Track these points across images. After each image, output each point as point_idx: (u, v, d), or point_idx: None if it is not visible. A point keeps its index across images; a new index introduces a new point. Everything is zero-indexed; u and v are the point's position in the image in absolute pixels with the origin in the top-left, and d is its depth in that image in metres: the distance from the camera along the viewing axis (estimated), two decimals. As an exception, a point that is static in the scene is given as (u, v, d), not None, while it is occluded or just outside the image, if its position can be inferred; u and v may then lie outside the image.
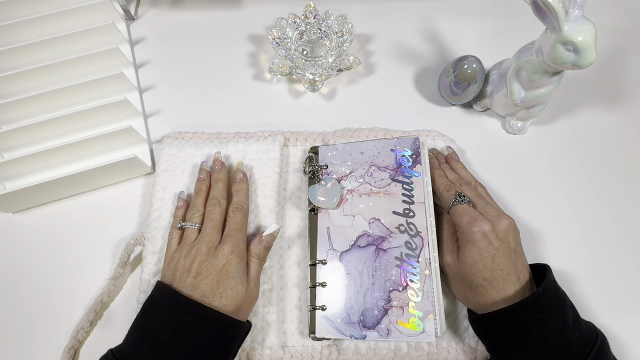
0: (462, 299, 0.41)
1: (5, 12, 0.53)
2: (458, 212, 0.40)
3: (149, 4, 0.61)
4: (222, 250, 0.39)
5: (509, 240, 0.38)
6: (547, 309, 0.35)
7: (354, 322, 0.40)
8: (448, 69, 0.50)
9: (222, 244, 0.40)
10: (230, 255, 0.39)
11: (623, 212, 0.49)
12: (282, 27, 0.53)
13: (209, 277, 0.38)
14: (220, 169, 0.45)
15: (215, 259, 0.38)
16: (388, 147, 0.47)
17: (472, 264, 0.38)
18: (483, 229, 0.38)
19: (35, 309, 0.44)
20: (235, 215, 0.42)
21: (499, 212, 0.40)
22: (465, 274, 0.39)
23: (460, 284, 0.40)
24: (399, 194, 0.44)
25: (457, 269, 0.40)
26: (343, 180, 0.46)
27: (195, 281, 0.38)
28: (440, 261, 0.42)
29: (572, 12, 0.38)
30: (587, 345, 0.35)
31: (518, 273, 0.38)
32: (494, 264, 0.37)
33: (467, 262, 0.38)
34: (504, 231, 0.38)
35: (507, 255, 0.38)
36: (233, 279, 0.38)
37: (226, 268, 0.38)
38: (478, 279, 0.38)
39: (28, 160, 0.46)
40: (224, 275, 0.38)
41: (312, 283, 0.42)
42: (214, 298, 0.37)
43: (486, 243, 0.38)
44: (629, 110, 0.54)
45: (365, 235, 0.43)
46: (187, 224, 0.42)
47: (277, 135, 0.49)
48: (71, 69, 0.51)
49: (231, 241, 0.40)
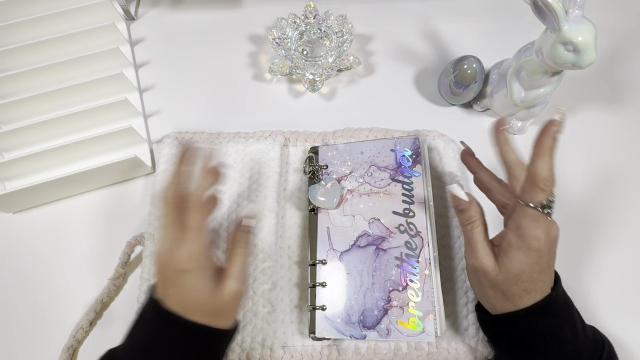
0: (489, 306, 0.37)
1: (5, 12, 0.53)
2: (532, 218, 0.34)
3: (149, 4, 0.61)
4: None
5: (555, 252, 0.35)
6: (559, 314, 0.34)
7: (354, 322, 0.40)
8: (448, 69, 0.50)
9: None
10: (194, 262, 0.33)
11: (623, 212, 0.48)
12: (282, 27, 0.53)
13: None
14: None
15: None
16: (388, 147, 0.46)
17: (518, 274, 0.34)
18: (542, 244, 0.33)
19: (35, 308, 0.44)
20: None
21: (547, 217, 0.35)
22: (505, 283, 0.34)
23: (493, 290, 0.35)
24: (399, 194, 0.44)
25: (496, 275, 0.35)
26: (343, 180, 0.46)
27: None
28: (472, 262, 0.36)
29: (572, 12, 0.38)
30: (596, 351, 0.34)
31: (551, 283, 0.35)
32: (540, 275, 0.34)
33: (511, 271, 0.34)
34: (554, 240, 0.35)
35: (550, 266, 0.35)
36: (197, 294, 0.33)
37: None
38: (518, 289, 0.34)
39: (28, 160, 0.46)
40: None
41: (312, 283, 0.42)
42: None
43: (539, 256, 0.34)
44: (629, 110, 0.54)
45: (365, 235, 0.43)
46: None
47: (277, 135, 0.49)
48: (71, 69, 0.51)
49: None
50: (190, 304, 0.32)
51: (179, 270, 0.32)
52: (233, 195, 0.46)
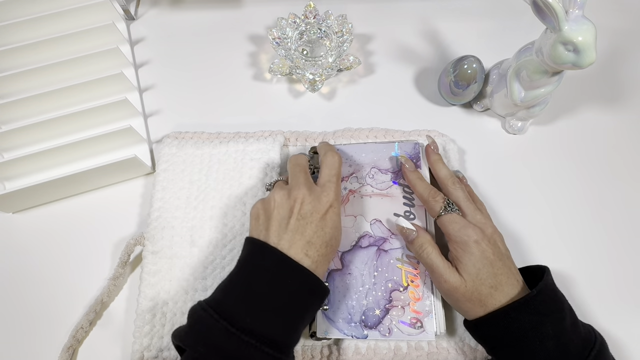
0: (472, 316, 0.37)
1: (5, 12, 0.53)
2: (448, 222, 0.39)
3: (149, 4, 0.61)
4: (326, 194, 0.37)
5: (498, 246, 0.38)
6: (542, 311, 0.35)
7: (355, 321, 0.40)
8: (448, 69, 0.50)
9: (323, 187, 0.38)
10: (335, 201, 0.37)
11: (623, 212, 0.48)
12: (282, 27, 0.53)
13: (314, 223, 0.36)
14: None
15: (319, 203, 0.37)
16: (389, 150, 0.46)
17: (477, 273, 0.36)
18: (475, 236, 0.37)
19: (35, 308, 0.44)
20: (333, 158, 0.40)
21: (485, 219, 0.39)
22: (474, 288, 0.36)
23: (469, 302, 0.37)
24: (400, 196, 0.44)
25: (465, 286, 0.37)
26: (345, 180, 0.46)
27: (298, 224, 0.36)
28: (444, 287, 0.38)
29: (572, 12, 0.38)
30: (585, 348, 0.34)
31: (516, 276, 0.37)
32: (494, 269, 0.37)
33: (471, 273, 0.37)
34: (492, 236, 0.38)
35: (502, 259, 0.37)
36: (336, 229, 0.37)
37: (330, 215, 0.37)
38: (485, 288, 0.36)
39: (28, 160, 0.46)
40: (328, 223, 0.37)
41: None
42: (322, 246, 0.36)
43: (481, 250, 0.37)
44: (629, 110, 0.54)
45: (367, 236, 0.43)
46: (276, 178, 0.43)
47: (277, 135, 0.49)
48: (71, 69, 0.51)
49: (333, 187, 0.38)
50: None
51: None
52: (232, 195, 0.46)
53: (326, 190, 0.38)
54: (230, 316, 0.33)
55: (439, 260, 0.38)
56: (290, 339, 0.34)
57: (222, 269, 0.43)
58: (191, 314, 0.34)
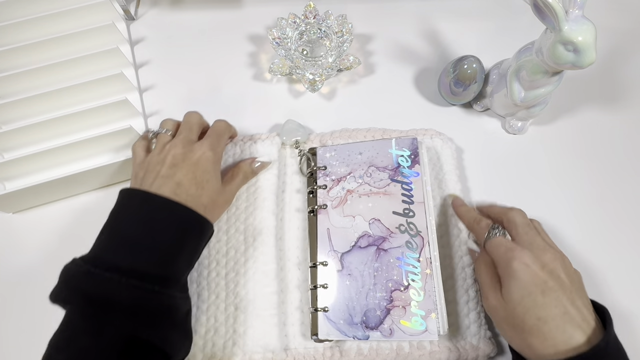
0: (520, 349, 0.35)
1: (5, 12, 0.53)
2: (494, 245, 0.37)
3: (149, 4, 0.61)
4: (200, 145, 0.40)
5: (558, 274, 0.34)
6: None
7: (356, 322, 0.40)
8: (448, 69, 0.50)
9: (199, 142, 0.41)
10: (208, 151, 0.39)
11: (623, 212, 0.48)
12: (282, 27, 0.53)
13: (184, 168, 0.38)
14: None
15: (191, 152, 0.39)
16: (386, 147, 0.46)
17: (520, 301, 0.33)
18: (524, 259, 0.34)
19: (35, 309, 0.44)
20: (219, 122, 0.44)
21: (545, 245, 0.36)
22: (514, 314, 0.33)
23: (512, 330, 0.34)
24: (399, 194, 0.44)
25: (505, 309, 0.34)
26: (342, 180, 0.46)
27: (170, 171, 0.38)
28: (485, 305, 0.38)
29: (572, 12, 0.38)
30: None
31: (581, 313, 0.33)
32: (545, 298, 0.32)
33: (514, 299, 0.34)
34: (550, 263, 0.34)
35: (561, 289, 0.33)
36: (209, 173, 0.39)
37: (202, 161, 0.39)
38: (531, 319, 0.33)
39: (28, 160, 0.46)
40: (200, 168, 0.39)
41: (313, 285, 0.42)
42: (191, 186, 0.37)
43: (531, 275, 0.33)
44: (629, 110, 0.54)
45: (366, 235, 0.43)
46: (160, 129, 0.42)
47: (274, 137, 0.49)
48: (71, 69, 0.51)
49: (209, 140, 0.41)
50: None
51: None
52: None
53: (202, 142, 0.41)
54: (95, 259, 0.34)
55: (485, 277, 0.38)
56: (167, 272, 0.35)
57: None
58: (61, 271, 0.35)
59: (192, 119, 0.43)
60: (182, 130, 0.42)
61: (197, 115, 0.44)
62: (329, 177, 0.46)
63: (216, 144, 0.41)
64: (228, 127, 0.45)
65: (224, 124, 0.44)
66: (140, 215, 0.36)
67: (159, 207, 0.36)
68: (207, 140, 0.41)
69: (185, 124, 0.43)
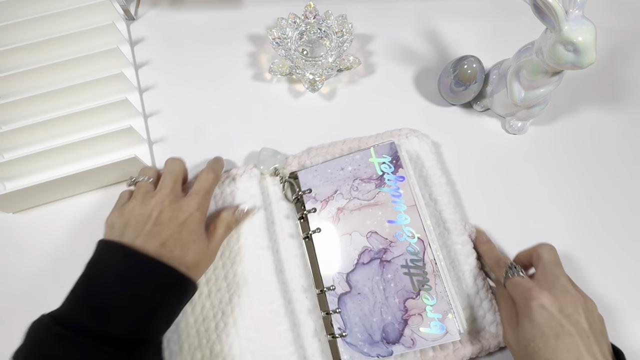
0: None
1: (5, 12, 0.53)
2: (512, 285, 0.37)
3: (149, 4, 0.61)
4: (187, 205, 0.38)
5: (577, 319, 0.33)
6: None
7: (377, 340, 0.39)
8: (448, 69, 0.50)
9: (187, 197, 0.39)
10: (196, 211, 0.38)
11: (624, 212, 0.48)
12: (282, 27, 0.53)
13: (170, 228, 0.36)
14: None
15: (179, 212, 0.37)
16: (366, 157, 0.45)
17: (531, 341, 0.33)
18: (541, 300, 0.33)
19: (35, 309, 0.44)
20: (207, 175, 0.41)
21: (568, 286, 0.35)
22: (526, 353, 0.34)
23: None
24: (389, 202, 0.43)
25: (518, 347, 0.35)
26: (330, 200, 0.45)
27: (155, 229, 0.36)
28: (504, 339, 0.38)
29: (572, 12, 0.38)
30: None
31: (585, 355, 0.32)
32: (558, 343, 0.32)
33: (526, 338, 0.34)
34: (569, 306, 0.33)
35: (578, 334, 0.32)
36: (195, 234, 0.38)
37: (189, 222, 0.37)
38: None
39: (28, 160, 0.46)
40: (186, 229, 0.37)
41: (325, 311, 0.41)
42: (176, 247, 0.36)
43: (546, 317, 0.33)
44: (629, 110, 0.54)
45: (367, 250, 0.42)
46: (141, 177, 0.40)
47: (251, 169, 0.47)
48: (71, 69, 0.51)
49: (197, 200, 0.39)
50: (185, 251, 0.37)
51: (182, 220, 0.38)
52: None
53: (190, 200, 0.39)
54: (67, 320, 0.32)
55: (504, 313, 0.38)
56: (144, 335, 0.33)
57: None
58: (28, 329, 0.33)
59: (177, 169, 0.41)
60: (167, 182, 0.39)
61: (180, 164, 0.42)
62: (316, 199, 0.45)
63: (204, 203, 0.40)
64: (216, 180, 0.42)
65: (212, 176, 0.42)
66: (122, 273, 0.34)
67: (142, 264, 0.34)
68: (196, 199, 0.39)
69: (169, 175, 0.40)
